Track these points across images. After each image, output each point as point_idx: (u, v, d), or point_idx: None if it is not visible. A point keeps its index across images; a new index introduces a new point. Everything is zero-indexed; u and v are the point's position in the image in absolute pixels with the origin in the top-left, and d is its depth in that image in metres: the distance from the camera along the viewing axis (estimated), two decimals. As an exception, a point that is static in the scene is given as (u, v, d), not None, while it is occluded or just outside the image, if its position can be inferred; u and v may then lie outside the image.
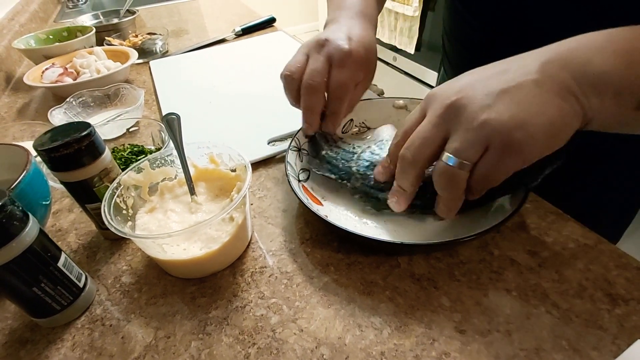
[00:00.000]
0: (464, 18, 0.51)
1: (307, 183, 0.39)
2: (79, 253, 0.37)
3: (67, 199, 0.44)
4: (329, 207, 0.37)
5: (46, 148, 0.29)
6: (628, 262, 0.31)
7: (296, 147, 0.40)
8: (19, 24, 0.98)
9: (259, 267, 0.33)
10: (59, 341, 0.29)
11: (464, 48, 0.54)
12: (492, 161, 0.24)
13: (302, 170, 0.40)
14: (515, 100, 0.23)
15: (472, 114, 0.24)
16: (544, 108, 0.23)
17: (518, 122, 0.23)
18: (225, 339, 0.28)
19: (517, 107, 0.23)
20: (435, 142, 0.26)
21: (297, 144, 0.41)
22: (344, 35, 0.37)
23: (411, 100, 0.45)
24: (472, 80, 0.26)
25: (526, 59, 0.26)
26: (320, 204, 0.37)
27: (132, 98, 0.59)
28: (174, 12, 1.20)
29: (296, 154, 0.40)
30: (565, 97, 0.23)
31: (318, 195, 0.38)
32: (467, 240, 0.29)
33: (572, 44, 0.25)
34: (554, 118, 0.23)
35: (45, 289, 0.27)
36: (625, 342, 0.26)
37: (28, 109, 0.67)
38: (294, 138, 0.40)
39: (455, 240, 0.29)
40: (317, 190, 0.39)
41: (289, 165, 0.37)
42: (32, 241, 0.26)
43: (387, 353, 0.26)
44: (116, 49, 0.74)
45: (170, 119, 0.37)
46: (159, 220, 0.34)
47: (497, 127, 0.23)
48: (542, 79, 0.23)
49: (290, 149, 0.39)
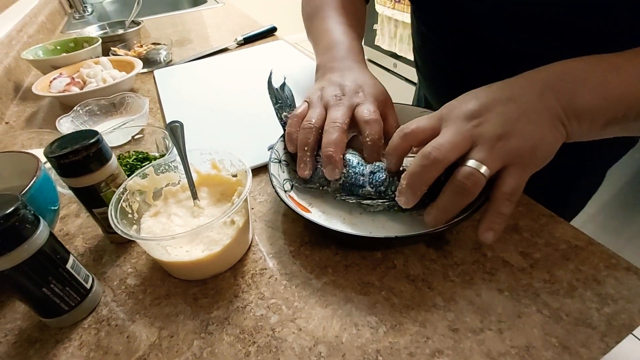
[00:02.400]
0: (426, 36, 0.55)
1: (292, 192, 0.40)
2: (86, 256, 0.38)
3: (74, 205, 0.45)
4: (317, 213, 0.38)
5: (56, 155, 0.31)
6: (618, 262, 0.32)
7: (277, 159, 0.41)
8: (27, 35, 1.01)
9: (259, 269, 0.34)
10: (67, 341, 0.30)
11: (431, 62, 0.58)
12: (511, 173, 0.29)
13: (285, 180, 0.40)
14: (527, 130, 0.29)
15: (496, 136, 0.29)
16: (545, 135, 0.29)
17: (531, 147, 0.28)
18: (226, 338, 0.29)
19: (529, 135, 0.28)
20: (462, 149, 0.30)
21: (277, 155, 0.41)
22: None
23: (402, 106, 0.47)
24: (488, 103, 0.30)
25: (525, 88, 0.30)
26: (308, 211, 0.38)
27: (137, 106, 0.61)
28: (178, 22, 1.23)
29: (277, 165, 0.40)
30: (557, 126, 0.29)
31: (305, 203, 0.39)
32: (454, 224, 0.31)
33: (561, 75, 0.30)
34: (551, 143, 0.29)
35: (55, 289, 0.29)
36: (614, 339, 0.27)
37: (36, 118, 0.69)
38: (273, 150, 0.41)
39: (446, 226, 0.31)
40: (303, 198, 0.39)
41: (273, 178, 0.37)
42: (42, 243, 0.27)
43: (382, 351, 0.27)
44: (121, 59, 0.77)
45: (174, 126, 0.38)
46: (162, 223, 0.35)
47: (516, 150, 0.28)
48: (541, 110, 0.29)
49: (271, 161, 0.39)
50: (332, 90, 0.40)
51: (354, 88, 0.39)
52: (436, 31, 0.52)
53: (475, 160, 0.28)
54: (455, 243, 0.35)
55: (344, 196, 0.37)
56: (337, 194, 0.37)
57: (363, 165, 0.36)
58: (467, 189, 0.28)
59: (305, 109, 0.40)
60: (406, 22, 1.74)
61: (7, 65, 0.79)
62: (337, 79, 0.41)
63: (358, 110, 0.37)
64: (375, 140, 0.36)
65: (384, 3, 1.82)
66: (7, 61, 0.80)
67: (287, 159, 0.42)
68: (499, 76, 0.33)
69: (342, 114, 0.36)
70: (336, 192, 0.37)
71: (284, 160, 0.42)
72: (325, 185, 0.37)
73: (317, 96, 0.40)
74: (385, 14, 1.83)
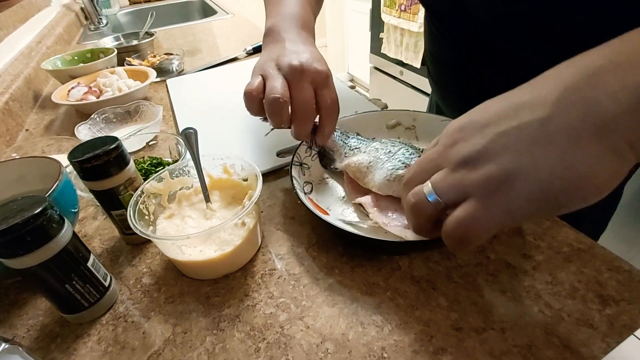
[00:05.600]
0: (437, 39, 0.56)
1: (312, 195, 0.42)
2: (103, 256, 0.40)
3: (91, 207, 0.47)
4: (334, 216, 0.39)
5: (79, 159, 0.33)
6: (620, 265, 0.32)
7: (298, 162, 0.43)
8: (46, 46, 1.05)
9: (268, 270, 0.36)
10: (86, 336, 0.32)
11: (441, 67, 0.59)
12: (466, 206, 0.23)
13: (306, 183, 0.43)
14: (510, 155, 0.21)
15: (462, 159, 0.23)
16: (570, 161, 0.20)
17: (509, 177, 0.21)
18: (237, 335, 0.30)
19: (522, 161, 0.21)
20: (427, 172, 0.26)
21: (299, 158, 0.44)
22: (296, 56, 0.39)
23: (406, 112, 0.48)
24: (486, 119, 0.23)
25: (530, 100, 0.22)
26: (327, 214, 0.39)
27: (151, 114, 0.63)
28: (189, 33, 1.27)
29: (299, 168, 0.43)
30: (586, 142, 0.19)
31: (323, 206, 0.41)
32: None
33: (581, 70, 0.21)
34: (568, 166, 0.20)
35: (76, 286, 0.30)
36: (615, 339, 0.27)
37: (54, 125, 0.72)
38: (295, 154, 0.43)
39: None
40: (322, 202, 0.41)
41: (294, 180, 0.40)
42: (67, 242, 0.29)
43: (387, 348, 0.28)
44: (136, 68, 0.80)
45: (188, 133, 0.40)
46: (177, 225, 0.36)
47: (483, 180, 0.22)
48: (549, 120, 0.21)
49: (293, 164, 0.42)
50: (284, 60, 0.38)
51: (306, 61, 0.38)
52: (446, 36, 0.53)
53: (429, 182, 0.25)
54: (459, 245, 0.36)
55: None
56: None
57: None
58: (414, 207, 0.26)
59: (261, 83, 0.38)
60: (412, 30, 1.77)
61: (27, 75, 0.82)
62: (285, 50, 0.40)
63: (320, 92, 0.38)
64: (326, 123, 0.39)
65: (390, 12, 1.85)
66: (28, 71, 0.84)
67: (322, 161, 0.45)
68: (510, 81, 0.27)
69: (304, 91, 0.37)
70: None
71: (305, 163, 0.44)
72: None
73: (273, 66, 0.39)
74: (391, 22, 1.86)
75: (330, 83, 0.39)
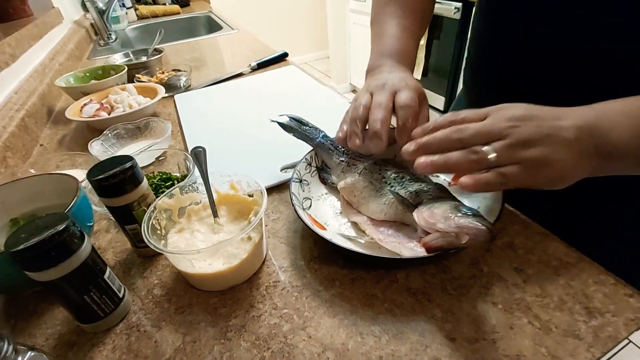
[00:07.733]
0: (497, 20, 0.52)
1: (311, 210, 0.44)
2: (116, 269, 0.42)
3: (104, 221, 0.49)
4: (332, 231, 0.41)
5: (97, 178, 0.35)
6: (606, 278, 0.34)
7: (298, 178, 0.45)
8: (59, 62, 1.09)
9: (272, 282, 0.38)
10: (101, 344, 0.34)
11: (489, 51, 0.55)
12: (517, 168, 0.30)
13: (305, 199, 0.45)
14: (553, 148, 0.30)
15: (522, 140, 0.30)
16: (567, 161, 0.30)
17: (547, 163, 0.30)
18: (243, 344, 0.32)
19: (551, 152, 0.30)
20: (484, 139, 0.31)
21: (299, 175, 0.46)
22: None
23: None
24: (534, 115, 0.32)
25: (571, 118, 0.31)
26: (324, 229, 0.41)
27: (160, 130, 0.66)
28: (195, 48, 1.31)
29: (299, 184, 0.45)
30: (582, 159, 0.31)
31: (322, 221, 0.43)
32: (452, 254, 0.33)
33: (599, 114, 0.31)
34: (568, 170, 0.31)
35: (94, 297, 0.32)
36: (600, 350, 0.29)
37: (66, 140, 0.75)
38: (295, 171, 0.46)
39: (439, 253, 0.33)
40: (320, 217, 0.43)
41: (293, 196, 0.41)
42: (87, 256, 0.31)
43: (384, 357, 0.30)
44: (145, 85, 0.83)
45: (197, 151, 0.43)
46: (186, 239, 0.39)
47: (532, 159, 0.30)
48: (574, 140, 0.30)
49: (292, 180, 0.44)
50: (376, 83, 0.44)
51: (396, 81, 0.43)
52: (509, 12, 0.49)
53: (489, 147, 0.30)
54: (454, 259, 0.38)
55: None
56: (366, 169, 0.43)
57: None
58: (474, 159, 0.31)
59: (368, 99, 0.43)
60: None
61: (41, 92, 0.86)
62: (380, 77, 0.45)
63: (398, 95, 0.41)
64: (406, 122, 0.40)
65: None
66: (42, 88, 0.87)
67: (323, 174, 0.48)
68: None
69: (385, 98, 0.41)
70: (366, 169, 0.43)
71: (305, 180, 0.46)
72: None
73: (364, 91, 0.44)
74: (392, 36, 1.90)
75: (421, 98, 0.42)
